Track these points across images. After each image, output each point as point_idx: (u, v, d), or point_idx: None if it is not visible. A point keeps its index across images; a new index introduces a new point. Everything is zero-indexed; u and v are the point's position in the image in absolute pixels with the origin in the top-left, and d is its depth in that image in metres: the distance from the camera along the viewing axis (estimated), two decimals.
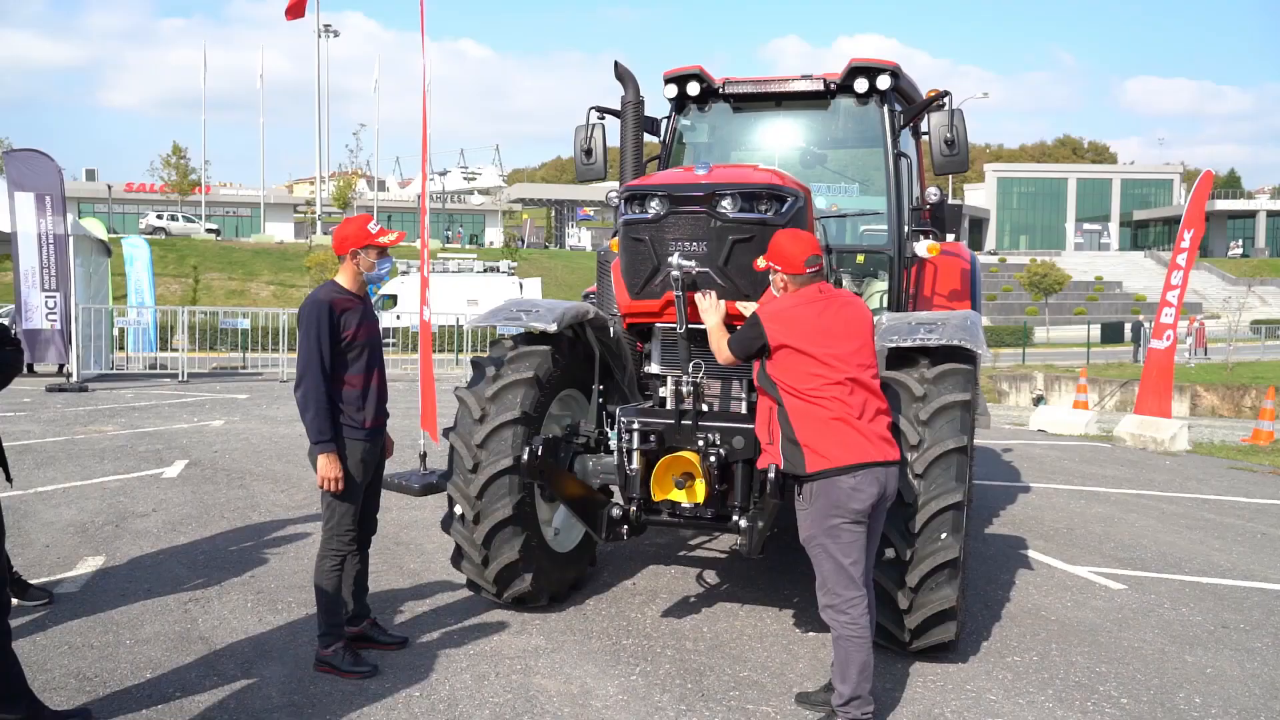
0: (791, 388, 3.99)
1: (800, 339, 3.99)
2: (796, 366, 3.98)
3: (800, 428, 3.97)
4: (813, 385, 3.95)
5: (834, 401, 3.93)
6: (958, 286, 7.13)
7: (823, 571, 4.01)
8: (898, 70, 5.98)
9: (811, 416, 3.95)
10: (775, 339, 4.02)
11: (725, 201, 4.72)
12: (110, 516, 7.32)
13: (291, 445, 10.76)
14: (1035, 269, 52.65)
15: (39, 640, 4.81)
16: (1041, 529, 7.72)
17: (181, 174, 60.20)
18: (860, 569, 3.98)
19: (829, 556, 3.96)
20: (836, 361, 3.96)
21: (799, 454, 3.95)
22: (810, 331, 3.99)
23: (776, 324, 4.04)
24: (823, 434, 3.92)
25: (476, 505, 4.99)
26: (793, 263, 4.10)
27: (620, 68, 5.61)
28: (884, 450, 3.98)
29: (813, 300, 4.09)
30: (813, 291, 4.12)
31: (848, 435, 3.92)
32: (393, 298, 31.32)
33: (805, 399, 3.95)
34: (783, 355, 4.02)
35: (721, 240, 4.73)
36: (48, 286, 16.13)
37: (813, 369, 3.96)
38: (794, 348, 3.98)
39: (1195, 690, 4.58)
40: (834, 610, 3.99)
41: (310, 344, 4.39)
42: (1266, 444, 13.04)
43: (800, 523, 4.05)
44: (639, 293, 5.05)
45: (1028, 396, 24.53)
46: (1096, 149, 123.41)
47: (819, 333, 3.99)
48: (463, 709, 4.19)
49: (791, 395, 3.99)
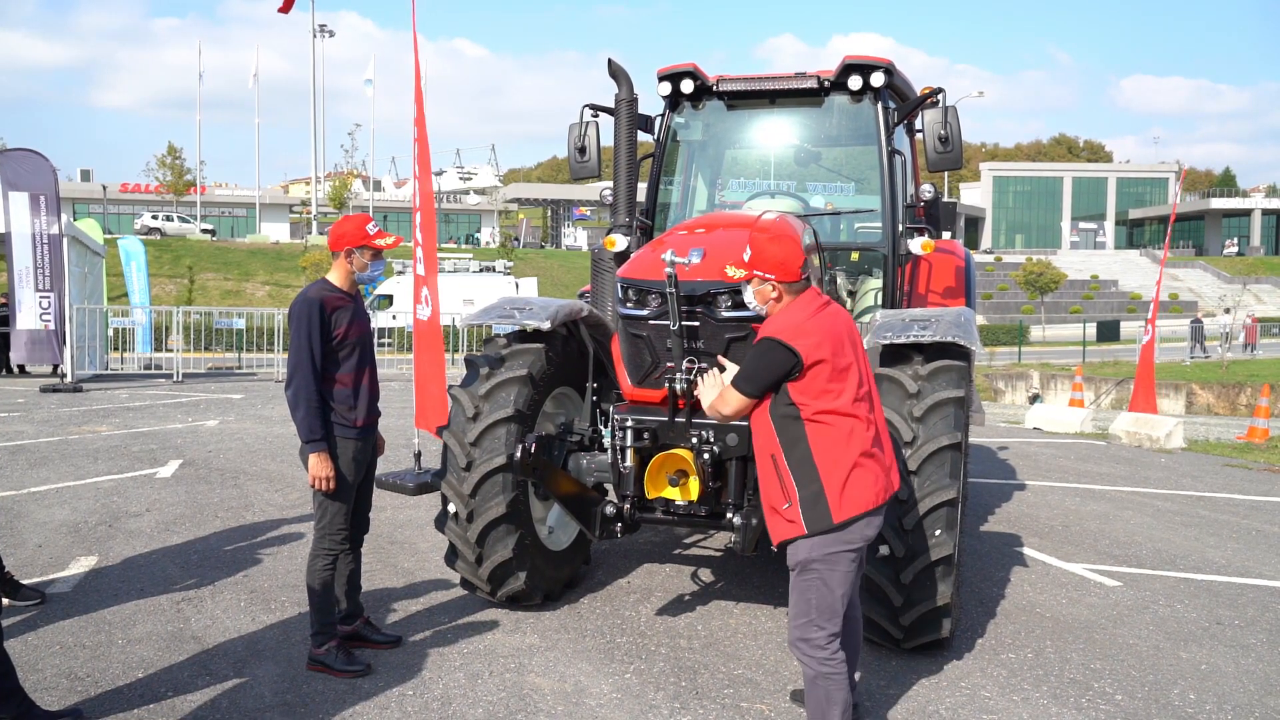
0: (822, 409, 3.51)
1: (832, 351, 3.53)
2: (829, 384, 3.52)
3: (824, 462, 3.52)
4: (843, 403, 3.53)
5: (861, 422, 3.55)
6: (952, 283, 7.14)
7: (807, 601, 3.58)
8: (891, 67, 5.98)
9: (837, 445, 3.52)
10: (810, 354, 3.49)
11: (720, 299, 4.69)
12: (103, 516, 7.30)
13: (286, 445, 10.74)
14: (1031, 268, 52.75)
15: (30, 640, 4.79)
16: (1037, 526, 7.72)
17: (176, 174, 60.12)
18: (847, 600, 3.63)
19: (822, 585, 3.56)
20: (858, 369, 3.61)
21: (823, 504, 3.51)
22: (836, 340, 3.57)
23: (807, 339, 3.51)
24: (847, 469, 3.51)
25: (470, 503, 4.98)
26: (790, 269, 3.61)
27: (614, 65, 5.60)
28: (895, 481, 3.70)
29: (822, 306, 3.66)
30: (814, 296, 3.69)
31: (870, 470, 3.55)
32: (389, 297, 31.31)
33: (838, 415, 3.52)
34: (816, 373, 3.51)
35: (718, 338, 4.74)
36: (42, 287, 16.08)
37: (843, 383, 3.54)
38: (828, 361, 3.51)
39: (1190, 686, 4.58)
40: (810, 645, 3.56)
41: (301, 342, 4.37)
42: (1261, 441, 13.06)
43: (794, 547, 3.61)
44: (640, 383, 5.08)
45: (1023, 395, 24.59)
46: (1092, 148, 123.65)
47: (842, 341, 3.59)
48: (456, 708, 4.17)
49: (818, 421, 3.52)
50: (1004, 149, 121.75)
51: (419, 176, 7.86)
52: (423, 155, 7.78)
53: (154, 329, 23.11)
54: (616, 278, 5.14)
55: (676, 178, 6.92)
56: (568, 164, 6.44)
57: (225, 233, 63.47)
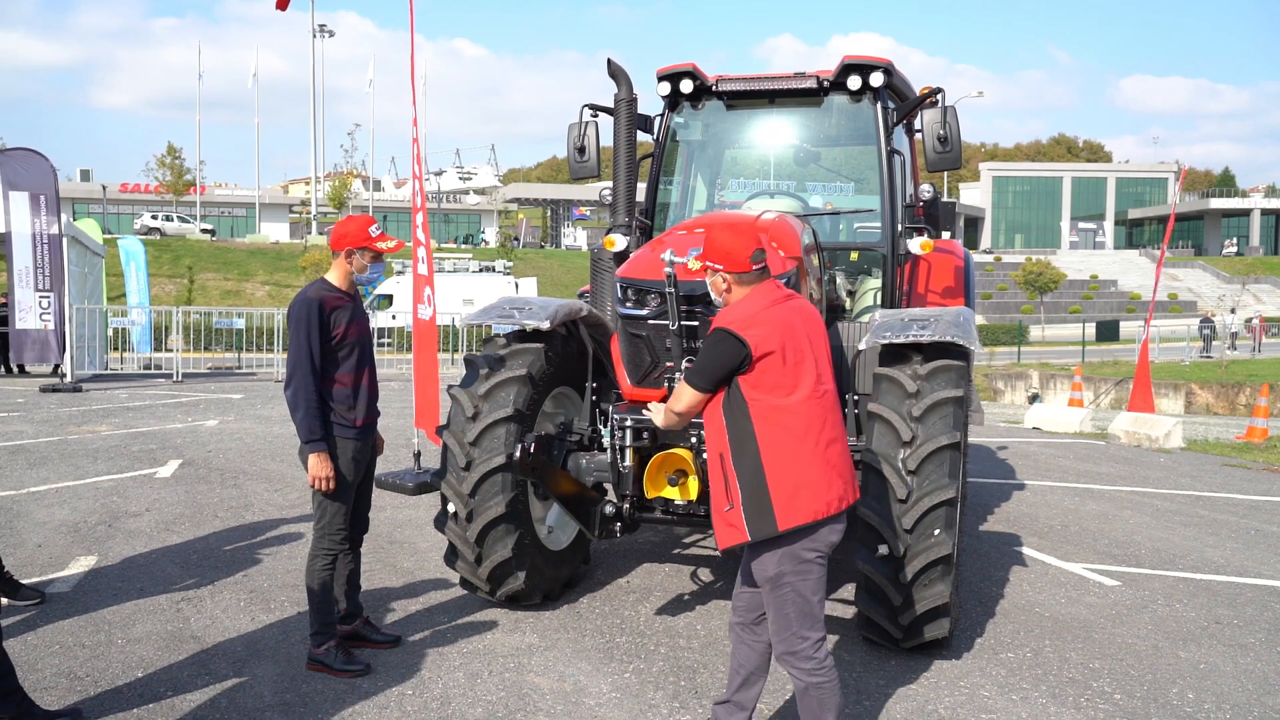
0: (773, 405, 3.40)
1: (783, 343, 3.41)
2: (781, 378, 3.40)
3: (773, 464, 3.38)
4: (796, 399, 3.40)
5: (816, 421, 3.42)
6: (951, 283, 7.14)
7: (785, 615, 3.44)
8: (890, 67, 5.98)
9: (788, 445, 3.38)
10: (760, 345, 3.37)
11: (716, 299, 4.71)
12: (103, 516, 7.30)
13: (285, 445, 10.74)
14: (1030, 267, 52.76)
15: (30, 640, 4.79)
16: (1036, 526, 7.72)
17: (176, 174, 60.13)
18: (823, 604, 3.50)
19: (797, 596, 3.42)
20: (815, 365, 3.48)
21: (767, 509, 3.37)
22: (790, 333, 3.45)
23: (757, 329, 3.40)
24: (798, 472, 3.37)
25: (469, 503, 4.98)
26: (737, 260, 3.50)
27: (613, 65, 5.60)
28: (851, 492, 3.52)
29: (780, 299, 3.53)
30: (772, 288, 3.56)
31: (824, 476, 3.40)
32: (388, 298, 31.33)
33: (790, 412, 3.39)
34: (766, 365, 3.39)
35: None
36: (42, 286, 16.08)
37: (797, 378, 3.42)
38: (778, 354, 3.39)
39: (1188, 686, 4.58)
40: (797, 658, 3.44)
41: (300, 342, 4.37)
42: (1261, 441, 13.07)
43: (760, 562, 3.46)
44: (639, 382, 5.10)
45: (1023, 394, 24.59)
46: (1091, 148, 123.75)
47: (798, 335, 3.47)
48: (455, 707, 4.18)
49: (769, 418, 3.40)
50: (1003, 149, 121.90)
51: (417, 177, 7.86)
52: (417, 156, 7.78)
53: (154, 329, 23.11)
54: (616, 277, 5.14)
55: (676, 178, 6.93)
56: (567, 164, 6.44)
57: (225, 233, 63.47)
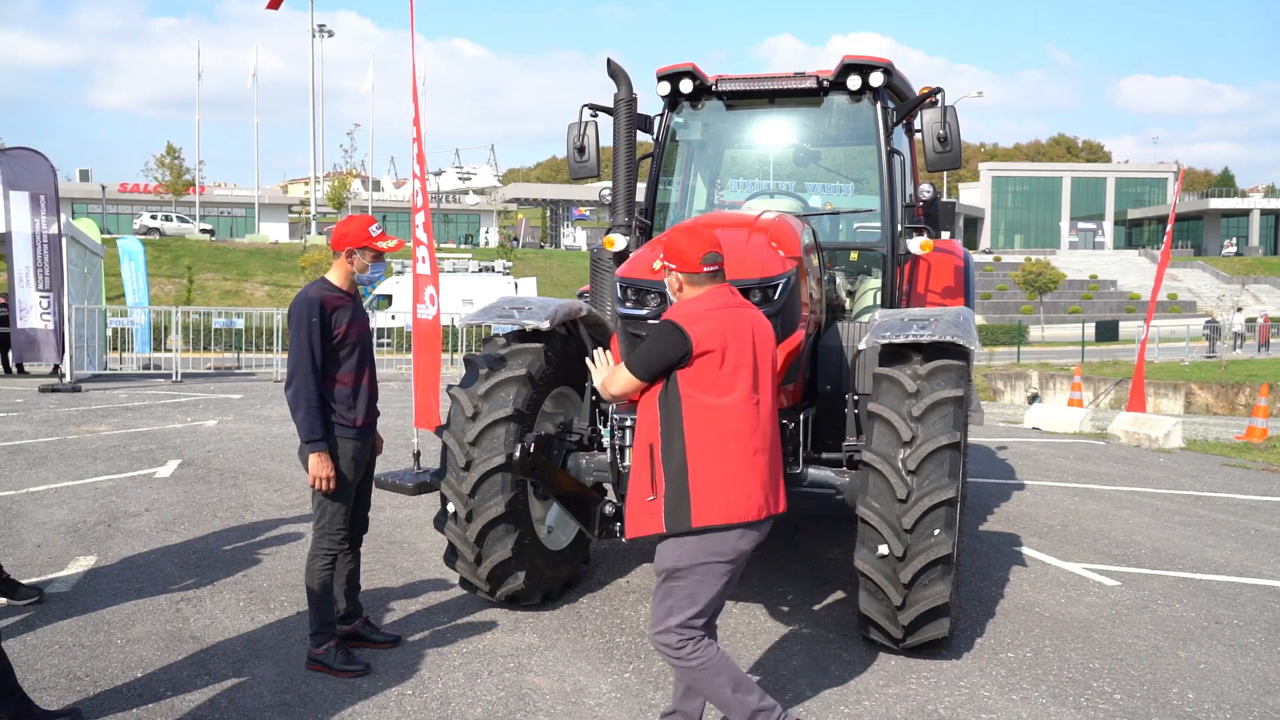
0: (706, 404, 3.46)
1: (725, 345, 3.48)
2: (718, 378, 3.47)
3: (697, 461, 3.43)
4: (730, 401, 3.47)
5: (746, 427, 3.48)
6: (951, 283, 7.14)
7: (668, 609, 3.49)
8: (890, 67, 5.98)
9: (714, 444, 3.44)
10: (702, 342, 3.44)
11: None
12: (102, 516, 7.30)
13: (285, 445, 10.74)
14: (1030, 268, 52.76)
15: (29, 640, 4.79)
16: (1036, 526, 7.72)
17: (175, 174, 60.17)
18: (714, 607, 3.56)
19: (688, 594, 3.47)
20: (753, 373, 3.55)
21: (685, 505, 3.42)
22: (734, 337, 3.52)
23: (701, 325, 3.47)
24: (720, 473, 3.43)
25: (469, 503, 4.98)
26: (688, 261, 3.58)
27: (613, 65, 5.60)
28: (773, 503, 3.56)
29: (728, 303, 3.61)
30: (724, 292, 3.63)
31: (746, 481, 3.45)
32: (387, 298, 31.34)
33: (722, 414, 3.46)
34: (705, 363, 3.46)
35: None
36: (42, 286, 16.09)
37: (733, 381, 3.48)
38: (718, 353, 3.47)
39: (1188, 685, 4.58)
40: (671, 649, 3.48)
41: (301, 342, 4.37)
42: (1260, 441, 13.07)
43: (665, 552, 3.50)
44: None
45: (1022, 395, 24.60)
46: (1091, 148, 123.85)
47: (742, 340, 3.54)
48: (455, 707, 4.17)
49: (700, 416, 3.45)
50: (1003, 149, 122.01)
51: (419, 176, 7.86)
52: (419, 156, 7.78)
53: (153, 329, 23.12)
54: (616, 277, 5.14)
55: (675, 177, 6.93)
56: (567, 164, 6.44)
57: (224, 233, 63.47)
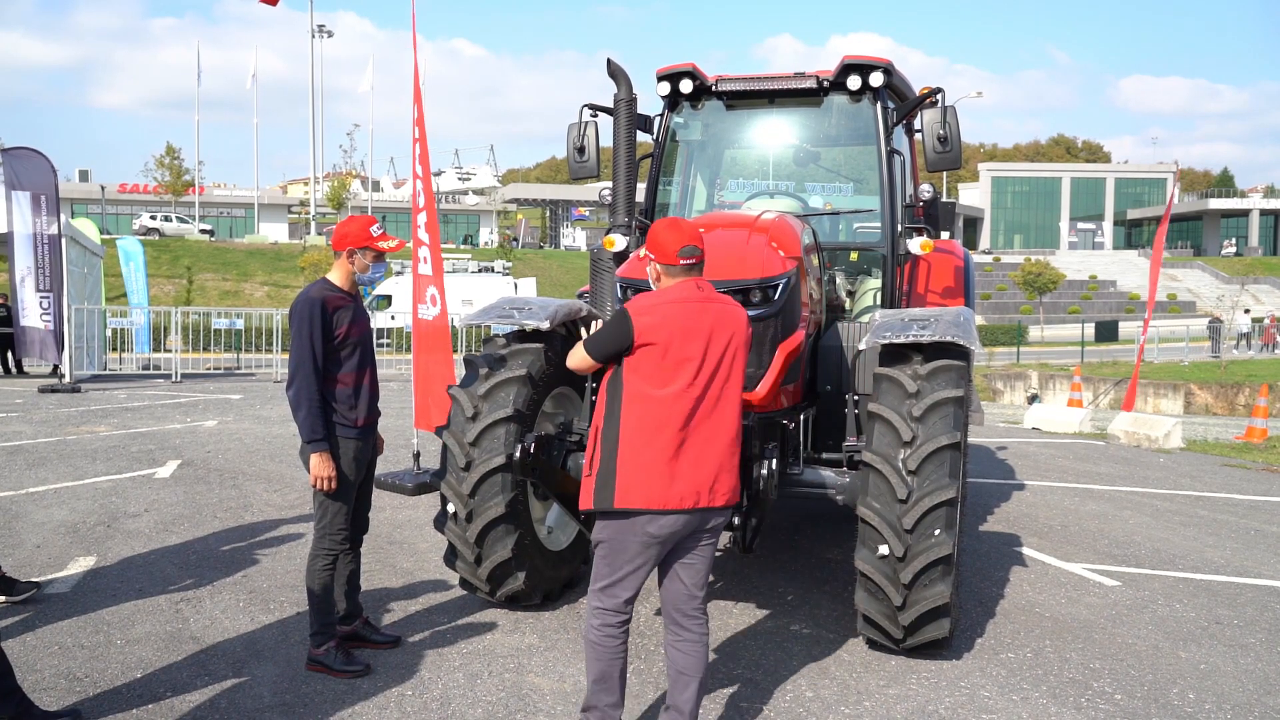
0: (643, 393, 3.55)
1: (670, 339, 3.55)
2: (657, 370, 3.56)
3: (626, 445, 3.54)
4: (667, 393, 3.54)
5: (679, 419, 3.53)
6: (951, 283, 7.14)
7: (596, 573, 3.65)
8: (890, 67, 5.98)
9: (645, 432, 3.53)
10: (643, 334, 3.55)
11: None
12: (102, 517, 7.29)
13: (284, 445, 10.74)
14: (1029, 268, 52.75)
15: (29, 640, 4.79)
16: (1036, 526, 7.72)
17: (175, 174, 60.16)
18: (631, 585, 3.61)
19: (605, 566, 3.61)
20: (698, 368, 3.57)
21: (610, 485, 3.54)
22: (683, 332, 3.57)
23: (648, 317, 3.57)
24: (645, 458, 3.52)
25: (469, 503, 4.97)
26: (666, 252, 3.66)
27: (613, 65, 5.59)
28: (706, 496, 3.57)
29: (689, 297, 3.65)
30: (690, 286, 3.67)
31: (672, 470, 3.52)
32: (387, 298, 31.33)
33: (656, 404, 3.54)
34: (645, 354, 3.56)
35: None
36: (42, 287, 16.09)
37: (675, 374, 3.55)
38: (660, 346, 3.55)
39: (1189, 686, 4.58)
40: (590, 611, 3.65)
41: (303, 342, 4.37)
42: (1260, 441, 13.07)
43: (597, 525, 3.66)
44: None
45: (1022, 395, 24.60)
46: (1090, 148, 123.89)
47: (692, 335, 3.58)
48: (455, 708, 4.17)
49: (635, 403, 3.56)
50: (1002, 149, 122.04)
51: (422, 177, 7.86)
52: (422, 156, 7.78)
53: (152, 329, 23.11)
54: (615, 278, 5.14)
55: (675, 178, 6.93)
56: (567, 164, 6.44)
57: (224, 233, 63.45)
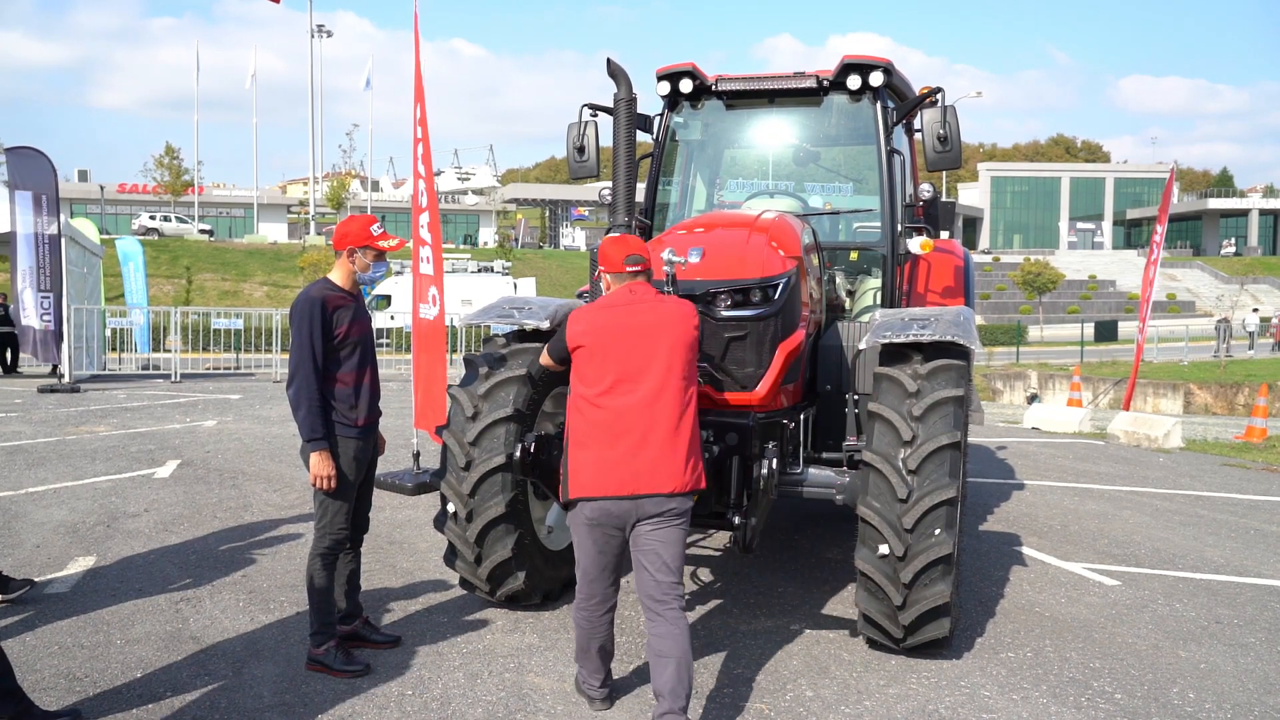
0: (578, 394, 3.88)
1: (596, 339, 3.85)
2: (588, 369, 3.85)
3: (572, 443, 3.88)
4: (593, 392, 3.82)
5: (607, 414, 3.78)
6: (951, 283, 7.14)
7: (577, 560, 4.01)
8: (890, 67, 5.98)
9: (580, 429, 3.84)
10: (574, 339, 3.90)
11: (720, 299, 4.72)
12: (101, 517, 7.29)
13: (284, 445, 10.73)
14: (1029, 268, 52.74)
15: (28, 640, 4.78)
16: (1035, 525, 7.72)
17: (174, 174, 60.16)
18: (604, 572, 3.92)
19: (580, 551, 3.95)
20: (628, 367, 3.80)
21: (566, 480, 3.91)
22: (610, 334, 3.83)
23: (578, 325, 3.92)
24: (583, 453, 3.82)
25: (469, 503, 4.97)
26: (613, 261, 3.98)
27: (613, 64, 5.59)
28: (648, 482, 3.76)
29: (620, 302, 3.92)
30: (624, 292, 3.95)
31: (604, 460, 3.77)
32: (386, 298, 31.32)
33: (589, 404, 3.83)
34: (578, 357, 3.90)
35: (717, 337, 4.75)
36: (43, 287, 16.08)
37: (601, 374, 3.81)
38: (588, 349, 3.86)
39: (1189, 685, 4.58)
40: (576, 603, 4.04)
41: (303, 341, 4.37)
42: (1259, 441, 13.07)
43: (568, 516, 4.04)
44: None
45: (1022, 395, 24.59)
46: (1090, 148, 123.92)
47: (618, 335, 3.83)
48: (455, 707, 4.17)
49: (576, 402, 3.88)
50: (1002, 149, 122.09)
51: (425, 177, 7.85)
52: (426, 155, 7.77)
53: (152, 329, 23.09)
54: None
55: (675, 177, 6.92)
56: (566, 164, 6.44)
57: (223, 233, 63.44)
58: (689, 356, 3.88)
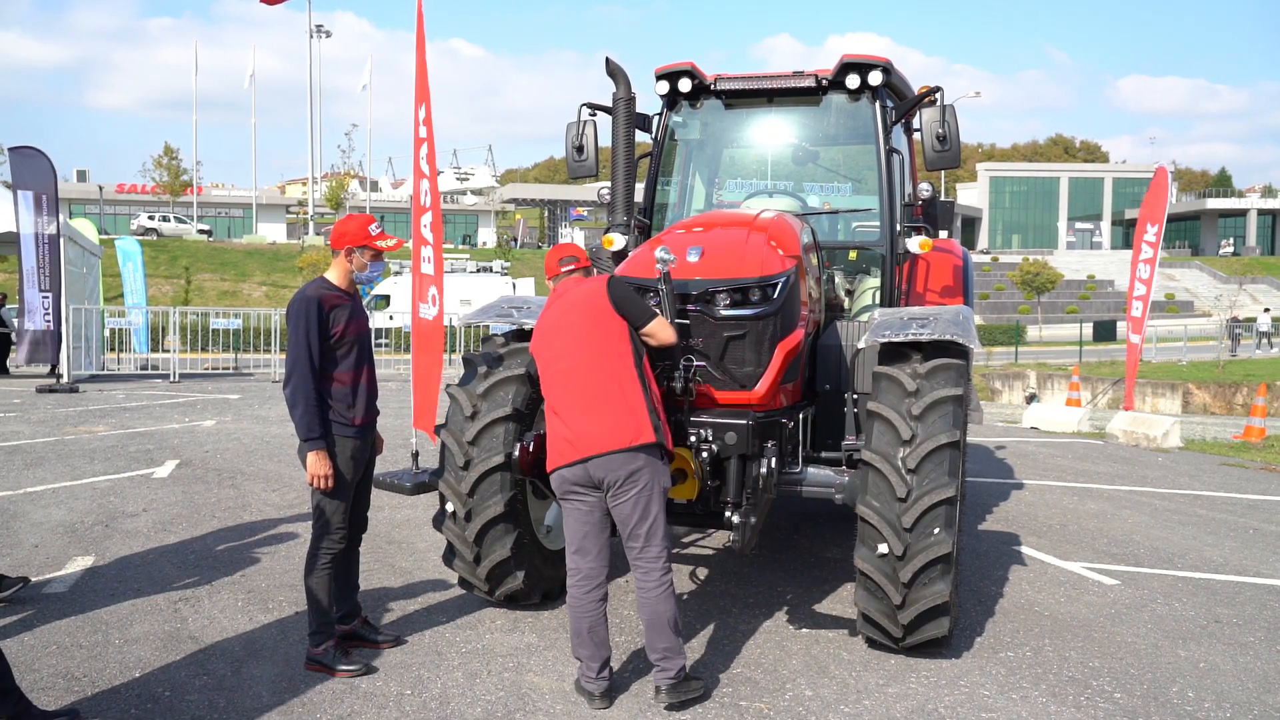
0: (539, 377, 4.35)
1: (538, 337, 4.37)
2: (539, 355, 4.35)
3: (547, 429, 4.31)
4: (545, 378, 4.28)
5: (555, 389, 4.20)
6: (950, 282, 7.14)
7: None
8: (889, 66, 5.98)
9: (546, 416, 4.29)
10: (532, 335, 4.46)
11: (719, 298, 4.73)
12: (100, 517, 7.28)
13: (283, 445, 10.73)
14: (1028, 268, 52.74)
15: (27, 640, 4.78)
16: (1035, 525, 7.72)
17: (173, 175, 60.17)
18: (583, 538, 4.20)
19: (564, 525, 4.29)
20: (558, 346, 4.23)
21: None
22: (544, 327, 4.34)
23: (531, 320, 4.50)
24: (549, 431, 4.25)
25: (468, 502, 4.97)
26: (550, 267, 4.48)
27: (612, 64, 5.59)
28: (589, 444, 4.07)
29: (553, 299, 4.43)
30: (556, 290, 4.44)
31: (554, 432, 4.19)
32: (385, 298, 31.31)
33: (544, 391, 4.30)
34: (533, 346, 4.42)
35: (716, 336, 4.75)
36: (43, 287, 16.07)
37: (544, 361, 4.29)
38: (534, 347, 4.40)
39: (1188, 684, 4.58)
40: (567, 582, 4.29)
41: (299, 340, 4.36)
42: (1258, 440, 13.08)
43: None
44: None
45: (1020, 394, 24.60)
46: (1088, 148, 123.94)
47: (550, 327, 4.31)
48: (454, 707, 4.17)
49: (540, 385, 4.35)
50: (1000, 149, 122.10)
51: (428, 176, 7.83)
52: (430, 155, 7.75)
53: (150, 329, 23.07)
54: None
55: (674, 177, 6.92)
56: (565, 164, 6.44)
57: (222, 233, 63.42)
58: (608, 323, 4.19)
